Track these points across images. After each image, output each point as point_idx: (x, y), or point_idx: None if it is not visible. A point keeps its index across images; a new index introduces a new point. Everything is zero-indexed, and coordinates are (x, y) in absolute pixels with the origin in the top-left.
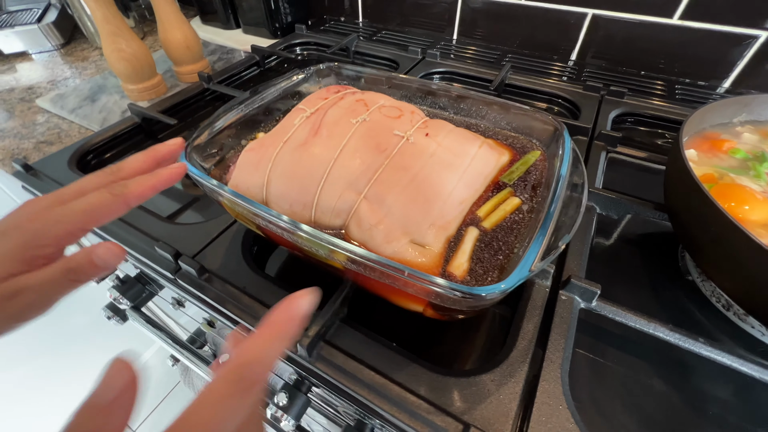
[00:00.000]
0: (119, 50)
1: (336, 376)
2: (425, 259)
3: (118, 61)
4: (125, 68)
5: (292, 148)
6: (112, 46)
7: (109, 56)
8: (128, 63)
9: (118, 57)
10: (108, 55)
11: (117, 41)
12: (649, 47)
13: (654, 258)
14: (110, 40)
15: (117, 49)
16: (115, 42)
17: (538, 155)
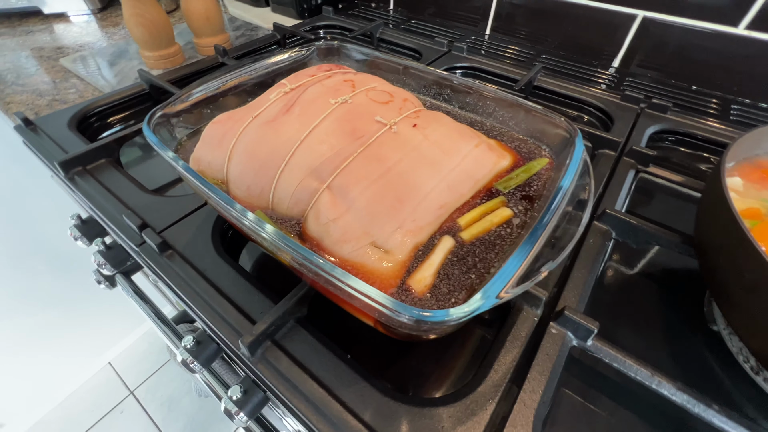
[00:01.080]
0: (138, 15)
1: (275, 382)
2: (384, 266)
3: (136, 26)
4: (142, 34)
5: (260, 125)
6: (132, 11)
7: (128, 20)
8: (146, 29)
9: (136, 22)
10: (127, 19)
11: (137, 6)
12: (705, 58)
13: (674, 298)
14: (130, 5)
15: (136, 14)
16: (135, 6)
17: (545, 163)
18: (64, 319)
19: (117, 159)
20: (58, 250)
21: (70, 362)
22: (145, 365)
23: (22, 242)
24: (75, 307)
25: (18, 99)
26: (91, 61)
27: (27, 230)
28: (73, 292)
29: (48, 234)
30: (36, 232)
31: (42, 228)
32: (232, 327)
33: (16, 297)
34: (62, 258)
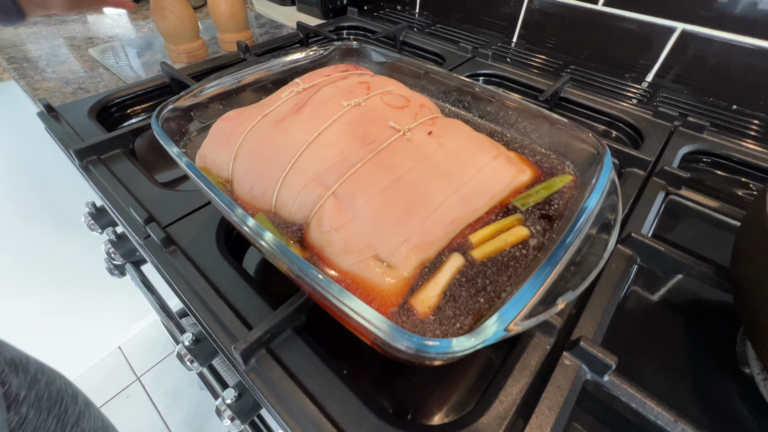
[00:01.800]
0: (162, 8)
1: (267, 393)
2: (386, 282)
3: (161, 19)
4: (167, 27)
5: (269, 123)
6: (158, 4)
7: (154, 13)
8: (170, 22)
9: (161, 15)
10: (153, 12)
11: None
12: (748, 76)
13: (703, 334)
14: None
15: (162, 8)
16: (161, 0)
17: (568, 180)
18: (79, 300)
19: (131, 150)
20: (78, 232)
21: (82, 343)
22: (153, 352)
23: (46, 222)
24: (91, 289)
25: (46, 86)
26: (118, 52)
27: (50, 210)
28: (90, 273)
29: (69, 216)
30: (58, 213)
31: (64, 209)
32: (228, 331)
33: (34, 273)
34: (81, 240)
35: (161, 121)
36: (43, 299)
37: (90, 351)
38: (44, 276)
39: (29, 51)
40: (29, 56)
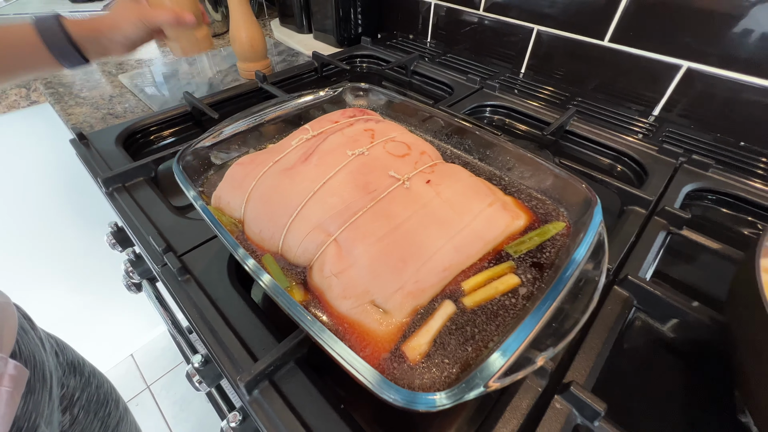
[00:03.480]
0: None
1: (267, 424)
2: (381, 327)
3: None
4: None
5: (279, 170)
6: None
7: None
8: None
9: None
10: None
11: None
12: (755, 114)
13: (701, 378)
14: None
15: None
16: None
17: (561, 228)
18: (96, 308)
19: (153, 177)
20: (99, 246)
21: (96, 350)
22: (164, 361)
23: (70, 234)
24: (107, 298)
25: (78, 111)
26: (146, 79)
27: (76, 223)
28: (108, 283)
29: (93, 230)
30: (83, 227)
31: (89, 223)
32: (235, 360)
33: (54, 281)
34: (101, 253)
35: (182, 163)
36: (62, 306)
37: (104, 358)
38: (64, 284)
39: (65, 76)
40: (64, 81)
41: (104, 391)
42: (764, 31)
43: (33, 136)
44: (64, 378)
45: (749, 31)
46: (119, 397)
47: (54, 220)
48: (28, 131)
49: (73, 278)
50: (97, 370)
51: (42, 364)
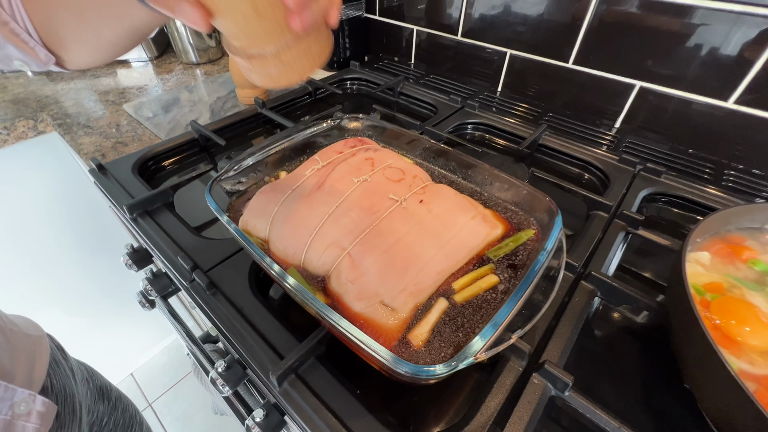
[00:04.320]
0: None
1: (297, 409)
2: (389, 322)
3: (234, 70)
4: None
5: (297, 197)
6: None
7: (230, 65)
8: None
9: (234, 67)
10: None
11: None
12: (700, 126)
13: (656, 354)
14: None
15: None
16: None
17: (532, 234)
18: (94, 327)
19: (171, 203)
20: (95, 267)
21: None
22: (164, 378)
23: (69, 257)
24: (105, 318)
25: (88, 141)
26: (149, 108)
27: (72, 246)
28: (104, 304)
29: (90, 252)
30: (79, 249)
31: (86, 246)
32: (264, 360)
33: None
34: (97, 274)
35: (214, 193)
36: (60, 327)
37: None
38: (62, 306)
39: (69, 107)
40: (70, 112)
41: (129, 414)
42: (702, 57)
43: (40, 166)
44: (93, 404)
45: (691, 57)
46: (143, 419)
47: (53, 244)
48: (36, 161)
49: (71, 300)
50: (123, 394)
51: (72, 396)
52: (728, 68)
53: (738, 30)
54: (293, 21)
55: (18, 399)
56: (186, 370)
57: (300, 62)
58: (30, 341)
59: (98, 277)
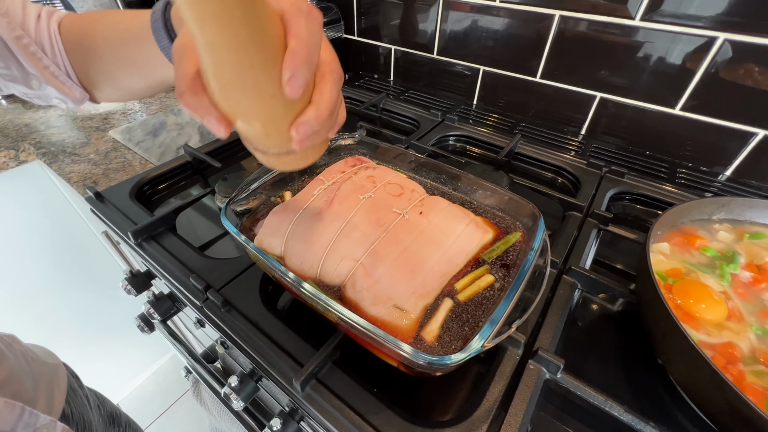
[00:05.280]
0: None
1: (321, 410)
2: (403, 322)
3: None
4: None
5: (309, 215)
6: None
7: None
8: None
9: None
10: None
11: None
12: (654, 130)
13: (630, 337)
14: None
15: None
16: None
17: (519, 236)
18: (77, 358)
19: (173, 226)
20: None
21: None
22: (153, 407)
23: (47, 287)
24: (87, 348)
25: (77, 168)
26: (136, 133)
27: (55, 274)
28: (84, 334)
29: (71, 280)
30: (61, 276)
31: (66, 273)
32: (284, 368)
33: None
34: (76, 302)
35: (228, 216)
36: None
37: None
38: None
39: (51, 135)
40: (53, 140)
41: None
42: (651, 71)
43: (21, 195)
44: (105, 431)
45: (641, 70)
46: None
47: (35, 273)
48: (16, 191)
49: (55, 330)
50: (131, 419)
51: (89, 424)
52: (673, 80)
53: (677, 46)
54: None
55: (40, 425)
56: (176, 395)
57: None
58: (48, 369)
59: (82, 307)
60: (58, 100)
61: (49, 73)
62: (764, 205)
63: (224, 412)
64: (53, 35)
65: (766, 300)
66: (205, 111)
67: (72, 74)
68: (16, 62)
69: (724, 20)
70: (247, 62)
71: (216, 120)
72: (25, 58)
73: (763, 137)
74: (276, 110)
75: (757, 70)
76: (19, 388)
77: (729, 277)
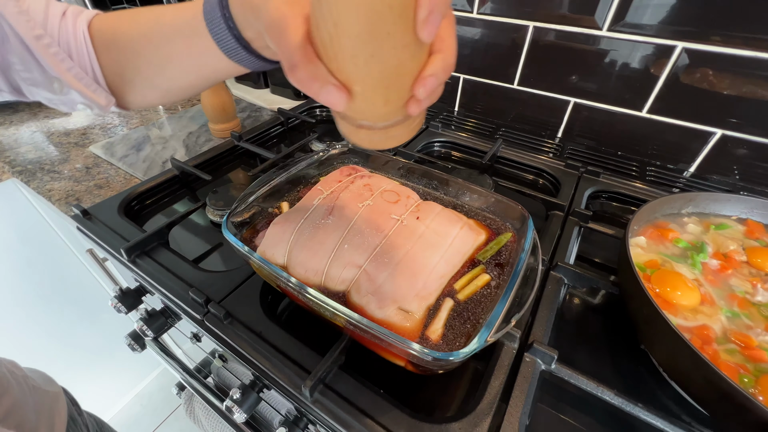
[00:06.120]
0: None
1: (330, 415)
2: (408, 323)
3: (209, 105)
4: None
5: (310, 225)
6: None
7: (203, 100)
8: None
9: (209, 102)
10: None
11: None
12: (625, 131)
13: (615, 326)
14: (206, 92)
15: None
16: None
17: (510, 237)
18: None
19: (167, 241)
20: (63, 318)
21: None
22: (138, 429)
23: (26, 307)
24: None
25: (57, 186)
26: (119, 148)
27: (34, 292)
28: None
29: (50, 300)
30: (40, 296)
31: (46, 291)
32: (291, 375)
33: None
34: (68, 324)
35: (231, 230)
36: None
37: None
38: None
39: (27, 152)
40: (29, 158)
41: None
42: (618, 77)
43: None
44: None
45: (610, 76)
46: None
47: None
48: None
49: (27, 354)
50: None
51: None
52: (639, 85)
53: (641, 54)
54: (413, 108)
55: None
56: (162, 416)
57: (402, 134)
58: (49, 398)
59: (61, 329)
60: (83, 106)
61: (72, 76)
62: (725, 198)
63: (218, 429)
64: (80, 35)
65: (734, 285)
66: (324, 80)
67: (100, 78)
68: (37, 64)
69: (681, 30)
70: (386, 4)
71: (336, 89)
72: (45, 59)
73: (721, 136)
74: (405, 64)
75: (712, 74)
76: (23, 418)
77: (699, 265)
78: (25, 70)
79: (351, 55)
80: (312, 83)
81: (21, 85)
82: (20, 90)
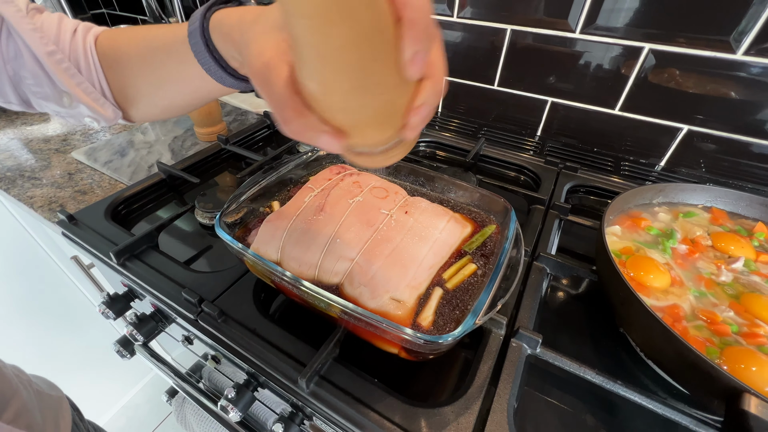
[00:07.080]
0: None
1: (327, 405)
2: (401, 311)
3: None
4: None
5: (303, 221)
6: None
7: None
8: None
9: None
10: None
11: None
12: (599, 129)
13: (596, 311)
14: None
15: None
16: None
17: (494, 229)
18: None
19: (156, 244)
20: (47, 327)
21: None
22: None
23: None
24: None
25: (39, 193)
26: (103, 153)
27: (15, 303)
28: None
29: (28, 311)
30: (22, 305)
31: (26, 301)
32: (287, 370)
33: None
34: (49, 335)
35: (222, 227)
36: None
37: None
38: None
39: (4, 160)
40: (7, 165)
41: None
42: (592, 77)
43: None
44: None
45: (584, 76)
46: None
47: None
48: None
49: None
50: None
51: None
52: (611, 84)
53: (611, 55)
54: (409, 134)
55: None
56: (150, 428)
57: (401, 151)
58: (53, 401)
59: (42, 339)
60: (90, 119)
61: (81, 91)
62: (692, 188)
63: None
64: (89, 51)
65: (700, 267)
66: (317, 129)
67: (107, 92)
68: (48, 79)
69: (648, 32)
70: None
71: (330, 136)
72: (57, 74)
73: (688, 131)
74: (397, 100)
75: (678, 74)
76: (31, 420)
77: (670, 250)
78: (36, 85)
79: (341, 108)
80: (305, 134)
81: (30, 99)
82: (29, 102)
